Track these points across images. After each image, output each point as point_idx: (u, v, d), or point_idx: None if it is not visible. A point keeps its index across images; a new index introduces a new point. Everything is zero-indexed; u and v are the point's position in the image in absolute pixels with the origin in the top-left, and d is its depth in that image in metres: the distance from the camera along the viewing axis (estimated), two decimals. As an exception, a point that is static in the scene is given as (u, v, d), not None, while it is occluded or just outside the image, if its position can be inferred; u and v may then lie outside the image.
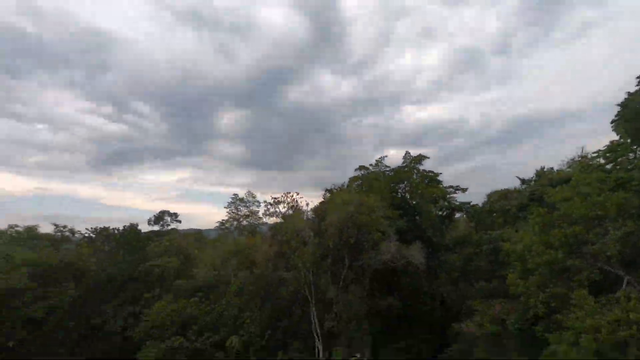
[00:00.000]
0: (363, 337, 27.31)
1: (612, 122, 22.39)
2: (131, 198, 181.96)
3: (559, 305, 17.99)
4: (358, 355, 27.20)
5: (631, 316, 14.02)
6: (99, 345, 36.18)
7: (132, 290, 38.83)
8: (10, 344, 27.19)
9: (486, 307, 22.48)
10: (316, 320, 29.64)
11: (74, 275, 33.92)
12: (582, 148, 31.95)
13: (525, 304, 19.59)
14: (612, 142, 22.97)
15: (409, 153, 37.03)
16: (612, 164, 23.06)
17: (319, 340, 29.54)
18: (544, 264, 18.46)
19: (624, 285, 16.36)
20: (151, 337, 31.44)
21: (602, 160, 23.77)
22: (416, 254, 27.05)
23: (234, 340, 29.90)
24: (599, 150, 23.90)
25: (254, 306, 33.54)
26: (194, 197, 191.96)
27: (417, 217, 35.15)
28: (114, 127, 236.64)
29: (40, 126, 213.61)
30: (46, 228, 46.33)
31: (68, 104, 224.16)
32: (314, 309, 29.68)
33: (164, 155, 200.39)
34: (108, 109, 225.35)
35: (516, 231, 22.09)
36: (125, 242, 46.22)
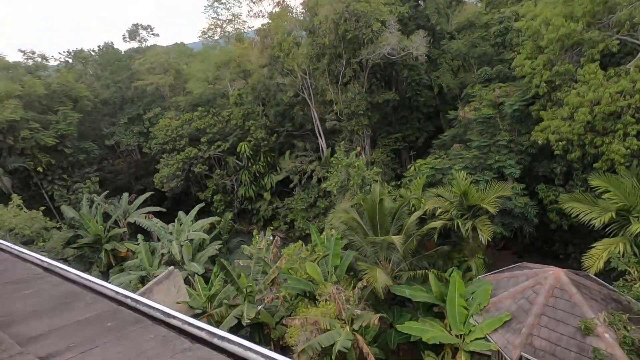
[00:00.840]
0: (363, 132, 29.00)
1: None
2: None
3: (562, 83, 17.81)
4: (358, 149, 29.74)
5: (637, 85, 13.86)
6: (121, 163, 39.61)
7: (131, 112, 39.21)
8: (40, 168, 29.60)
9: (485, 92, 22.58)
10: (318, 121, 30.87)
11: (68, 102, 33.35)
12: None
13: (527, 84, 19.47)
14: None
15: None
16: None
17: (321, 138, 31.69)
18: (558, 40, 17.15)
19: (638, 55, 15.56)
20: (165, 151, 33.81)
21: None
22: (417, 44, 25.18)
23: (243, 147, 32.19)
24: None
25: (256, 115, 34.40)
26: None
27: (421, 1, 30.90)
28: None
29: None
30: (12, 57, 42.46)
31: None
32: (314, 110, 30.36)
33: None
34: None
35: (535, 5, 19.49)
36: (107, 63, 43.24)
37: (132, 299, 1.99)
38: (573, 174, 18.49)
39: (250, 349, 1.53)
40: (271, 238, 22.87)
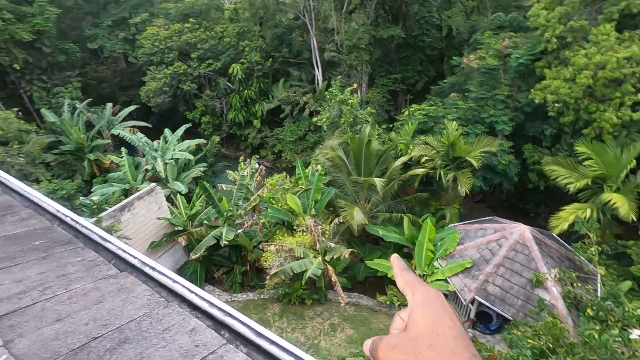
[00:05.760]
0: (362, 68, 27.73)
1: None
2: None
3: (573, 40, 16.95)
4: (355, 86, 28.65)
5: (649, 52, 13.32)
6: (105, 70, 37.39)
7: (116, 14, 36.00)
8: (16, 65, 27.72)
9: (494, 41, 21.41)
10: (316, 50, 29.17)
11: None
12: None
13: (538, 37, 18.48)
14: None
15: None
16: None
17: (318, 70, 30.25)
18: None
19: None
20: (153, 63, 31.88)
21: None
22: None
23: (235, 69, 30.55)
24: None
25: (252, 35, 32.09)
26: None
27: None
28: None
29: None
30: None
31: None
32: (314, 37, 28.50)
33: None
34: None
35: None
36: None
37: (71, 218, 1.92)
38: (562, 137, 18.57)
39: (177, 282, 1.54)
40: (257, 166, 22.97)
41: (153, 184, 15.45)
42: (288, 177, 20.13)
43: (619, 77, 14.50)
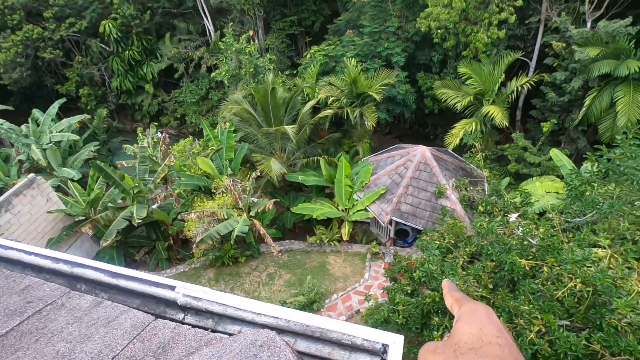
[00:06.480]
0: (255, 12, 25.97)
1: None
2: None
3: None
4: (251, 33, 26.90)
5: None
6: None
7: None
8: None
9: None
10: (200, -4, 26.29)
11: None
12: None
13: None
14: None
15: None
16: None
17: (207, 19, 27.54)
18: None
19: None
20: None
21: None
22: None
23: (107, 26, 26.11)
24: None
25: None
26: None
27: None
28: None
29: None
30: None
31: None
32: (194, -18, 25.48)
33: None
34: None
35: None
36: None
37: None
38: (447, 62, 20.26)
39: (9, 247, 1.31)
40: (159, 135, 20.97)
41: (32, 175, 13.14)
42: (196, 140, 18.86)
43: (486, -2, 15.93)
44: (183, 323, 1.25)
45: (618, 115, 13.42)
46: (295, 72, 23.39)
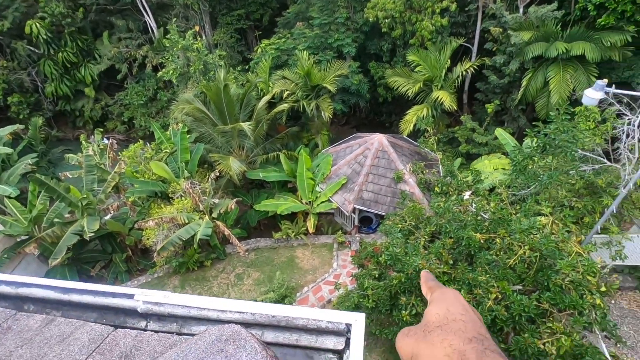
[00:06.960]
0: (199, 6, 24.97)
1: None
2: None
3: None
4: (197, 28, 25.85)
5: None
6: None
7: None
8: None
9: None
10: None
11: None
12: None
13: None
14: None
15: None
16: None
17: (148, 15, 26.07)
18: None
19: None
20: None
21: None
22: None
23: (34, 26, 23.87)
24: None
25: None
26: None
27: None
28: None
29: None
30: None
31: None
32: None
33: None
34: None
35: None
36: None
37: None
38: (397, 51, 20.81)
39: None
40: (105, 141, 19.69)
41: (-40, 195, 11.84)
42: (148, 144, 17.93)
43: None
44: (146, 330, 1.21)
45: (551, 94, 14.59)
46: (247, 67, 22.90)
